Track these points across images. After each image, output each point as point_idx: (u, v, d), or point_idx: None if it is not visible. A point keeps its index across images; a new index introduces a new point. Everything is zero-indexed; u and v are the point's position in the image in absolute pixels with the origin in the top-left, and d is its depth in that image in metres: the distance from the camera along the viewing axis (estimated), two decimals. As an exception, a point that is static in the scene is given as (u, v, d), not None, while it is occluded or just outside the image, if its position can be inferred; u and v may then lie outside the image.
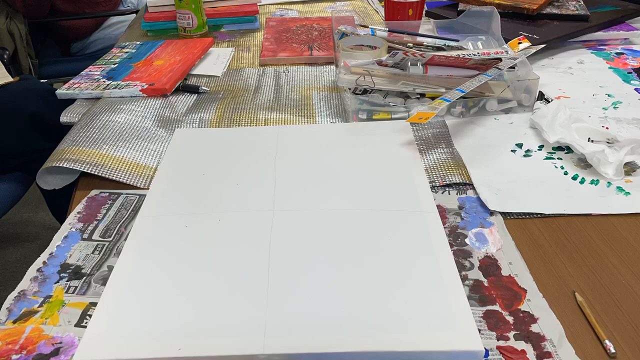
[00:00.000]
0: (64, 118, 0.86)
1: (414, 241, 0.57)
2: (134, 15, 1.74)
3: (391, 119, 0.81)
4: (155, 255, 0.56)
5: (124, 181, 0.69)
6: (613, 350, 0.46)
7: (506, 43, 0.90)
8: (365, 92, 0.81)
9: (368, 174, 0.68)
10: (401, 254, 0.55)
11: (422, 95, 0.82)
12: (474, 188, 0.66)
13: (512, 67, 0.84)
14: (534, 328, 0.48)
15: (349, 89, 0.81)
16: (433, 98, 0.82)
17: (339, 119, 0.83)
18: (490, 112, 0.83)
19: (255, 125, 0.82)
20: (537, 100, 0.83)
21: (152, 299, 0.51)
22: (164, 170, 0.70)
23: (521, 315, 0.49)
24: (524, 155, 0.72)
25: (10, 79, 1.14)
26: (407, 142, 0.75)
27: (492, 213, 0.62)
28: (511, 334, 0.48)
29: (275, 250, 0.56)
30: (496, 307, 0.50)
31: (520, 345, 0.46)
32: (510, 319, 0.49)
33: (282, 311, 0.49)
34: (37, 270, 0.56)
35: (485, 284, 0.52)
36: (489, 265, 0.55)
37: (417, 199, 0.63)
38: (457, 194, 0.65)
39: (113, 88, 0.90)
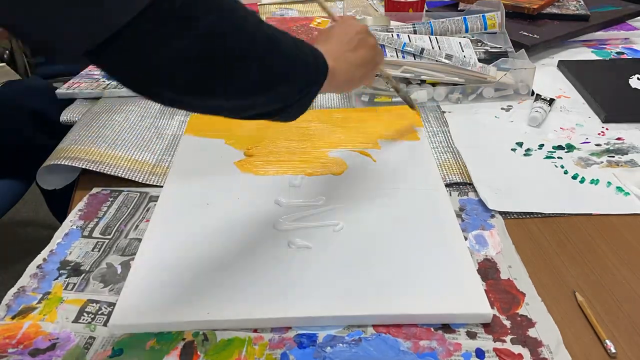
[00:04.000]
0: (64, 117, 0.86)
1: (425, 216, 0.60)
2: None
3: (391, 102, 0.85)
4: (180, 228, 0.59)
5: (123, 176, 0.69)
6: (614, 350, 0.45)
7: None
8: None
9: (377, 157, 0.72)
10: (413, 228, 0.59)
11: (423, 81, 0.86)
12: (475, 190, 0.66)
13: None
14: (532, 333, 0.48)
15: None
16: (433, 84, 0.84)
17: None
18: (487, 98, 0.85)
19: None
20: (534, 101, 0.83)
21: (180, 269, 0.54)
22: (181, 157, 0.73)
23: (519, 319, 0.49)
24: (524, 155, 0.72)
25: (17, 76, 1.14)
26: (414, 128, 0.78)
27: (493, 215, 0.62)
28: (508, 338, 0.47)
29: (293, 223, 0.60)
30: (494, 311, 0.49)
31: (517, 349, 0.46)
32: (507, 323, 0.49)
33: (302, 278, 0.52)
34: (37, 267, 0.56)
35: (484, 287, 0.52)
36: (488, 268, 0.55)
37: (426, 179, 0.67)
38: (458, 196, 0.65)
39: (113, 88, 0.90)
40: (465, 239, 0.58)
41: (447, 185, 0.66)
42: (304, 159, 0.71)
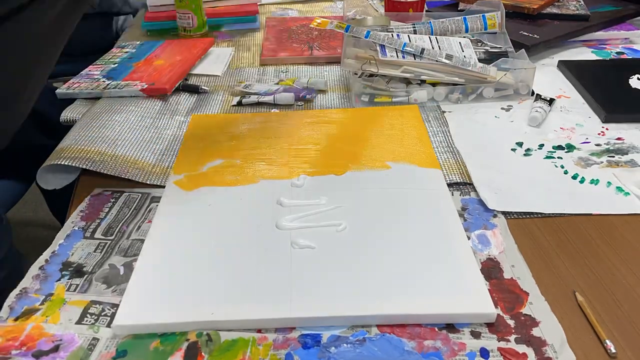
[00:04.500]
0: (64, 117, 0.86)
1: (427, 216, 0.60)
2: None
3: (392, 102, 0.85)
4: (182, 229, 0.59)
5: (122, 175, 0.69)
6: (614, 350, 0.46)
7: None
8: (369, 76, 0.86)
9: (381, 157, 0.71)
10: (416, 228, 0.59)
11: (423, 81, 0.86)
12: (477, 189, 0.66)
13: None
14: (536, 332, 0.48)
15: (355, 73, 0.86)
16: (434, 84, 0.84)
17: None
18: (487, 98, 0.86)
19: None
20: (534, 101, 0.83)
21: (183, 270, 0.54)
22: (183, 156, 0.73)
23: (522, 318, 0.49)
24: (524, 154, 0.72)
25: None
26: (417, 128, 0.78)
27: (495, 215, 0.62)
28: (512, 337, 0.47)
29: (296, 223, 0.60)
30: (497, 311, 0.50)
31: (522, 348, 0.46)
32: (511, 322, 0.49)
33: (306, 278, 0.52)
34: (39, 268, 0.56)
35: (487, 287, 0.52)
36: (491, 267, 0.55)
37: (429, 179, 0.67)
38: (460, 195, 0.65)
39: (113, 88, 0.90)
40: (468, 238, 0.58)
41: (448, 185, 0.66)
42: (306, 159, 0.71)
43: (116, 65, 1.01)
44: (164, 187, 0.67)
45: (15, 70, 0.52)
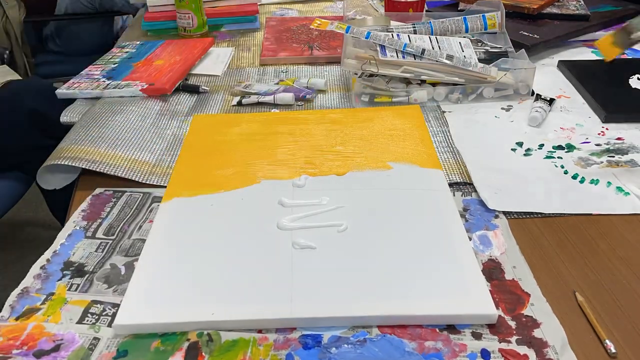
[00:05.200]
0: (64, 118, 0.86)
1: (429, 216, 0.60)
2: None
3: (392, 102, 0.85)
4: (184, 229, 0.60)
5: (123, 175, 0.69)
6: (614, 350, 0.46)
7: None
8: (369, 76, 0.86)
9: (383, 158, 0.71)
10: (418, 228, 0.59)
11: (423, 81, 0.86)
12: (479, 189, 0.66)
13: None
14: (537, 333, 0.48)
15: (355, 73, 0.86)
16: (434, 84, 0.85)
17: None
18: (487, 98, 0.86)
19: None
20: (534, 101, 0.83)
21: (184, 270, 0.54)
22: (185, 155, 0.73)
23: (524, 319, 0.49)
24: (524, 155, 0.72)
25: (17, 76, 1.14)
26: (419, 129, 0.78)
27: (497, 215, 0.62)
28: (513, 339, 0.47)
29: (297, 223, 0.60)
30: (499, 312, 0.50)
31: (523, 350, 0.46)
32: (512, 323, 0.49)
33: (307, 278, 0.52)
34: (41, 268, 0.56)
35: (489, 288, 0.52)
36: (492, 268, 0.55)
37: (430, 179, 0.67)
38: (462, 196, 0.65)
39: (113, 88, 0.90)
40: (470, 239, 0.58)
41: (449, 185, 0.66)
42: (307, 159, 0.71)
43: (116, 65, 1.01)
44: (165, 187, 0.67)
45: None
